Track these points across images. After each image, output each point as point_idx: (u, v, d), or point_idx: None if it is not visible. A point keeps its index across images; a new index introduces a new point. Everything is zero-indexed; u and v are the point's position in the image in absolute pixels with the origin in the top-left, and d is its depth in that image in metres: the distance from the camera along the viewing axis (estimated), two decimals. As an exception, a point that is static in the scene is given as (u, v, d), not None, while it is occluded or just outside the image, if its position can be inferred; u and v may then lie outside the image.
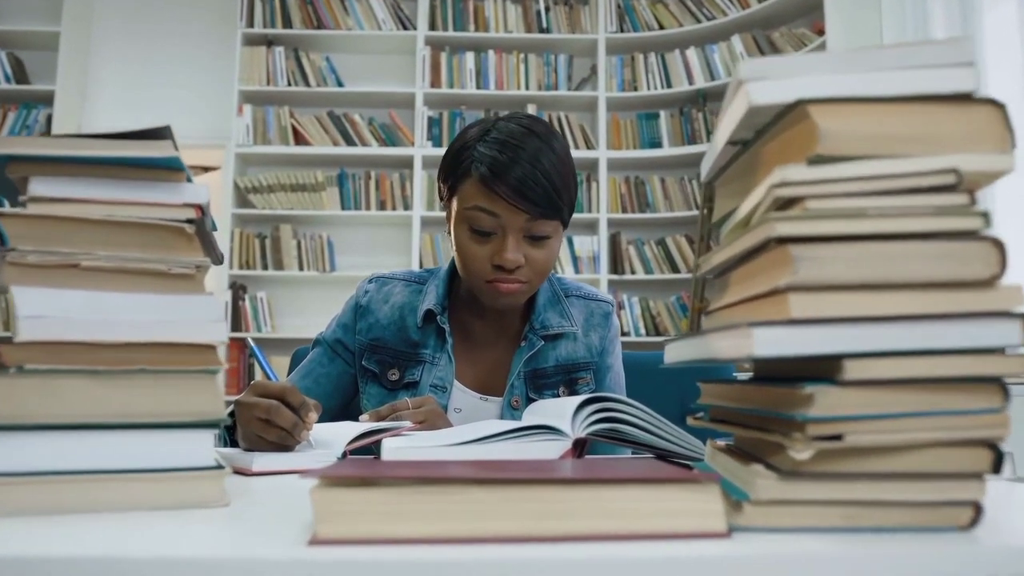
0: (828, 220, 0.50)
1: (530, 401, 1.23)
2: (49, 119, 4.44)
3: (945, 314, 0.49)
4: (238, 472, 0.84)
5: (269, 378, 1.00)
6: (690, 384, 1.58)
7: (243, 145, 4.44)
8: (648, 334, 4.42)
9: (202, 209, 0.66)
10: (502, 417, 1.23)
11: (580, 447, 0.80)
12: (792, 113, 0.53)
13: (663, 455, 0.80)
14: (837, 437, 0.50)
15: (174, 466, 0.61)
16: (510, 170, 1.09)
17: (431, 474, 0.49)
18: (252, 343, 1.04)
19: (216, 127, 4.57)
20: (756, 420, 0.59)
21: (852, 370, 0.49)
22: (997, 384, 0.50)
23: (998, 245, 0.50)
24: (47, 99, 4.45)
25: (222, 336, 0.64)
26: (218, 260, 0.78)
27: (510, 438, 0.78)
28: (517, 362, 1.25)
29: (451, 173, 1.18)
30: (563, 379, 1.26)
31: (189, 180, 0.66)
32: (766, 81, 0.53)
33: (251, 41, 4.54)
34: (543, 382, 1.25)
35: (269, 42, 4.56)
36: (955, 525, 0.51)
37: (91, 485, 0.59)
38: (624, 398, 0.80)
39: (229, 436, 1.03)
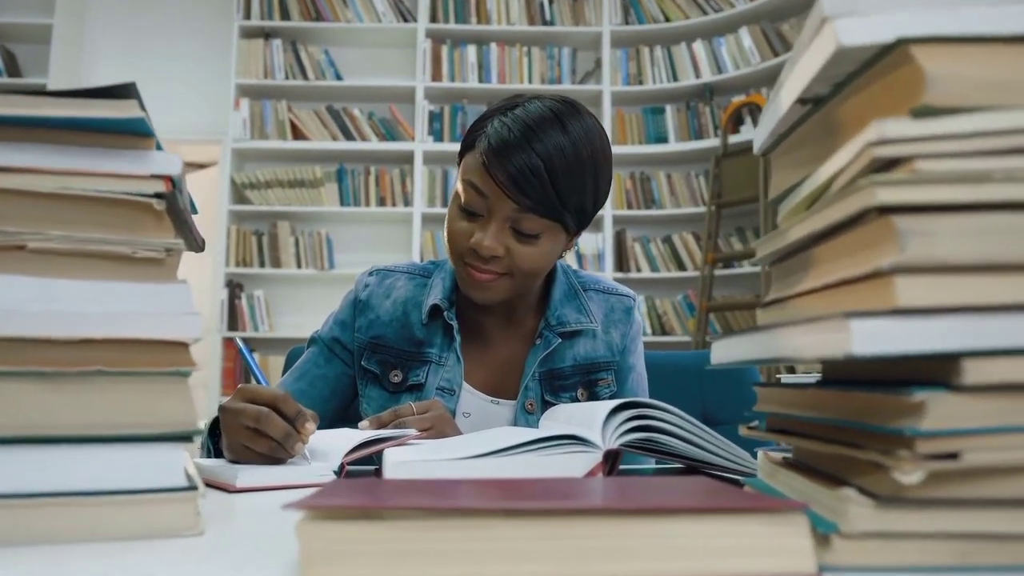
0: (943, 185, 0.40)
1: (546, 404, 1.13)
2: (41, 114, 4.34)
3: (1089, 302, 0.40)
4: (219, 488, 0.74)
5: (259, 383, 0.90)
6: (711, 386, 1.49)
7: (240, 140, 4.35)
8: (654, 333, 4.33)
9: (173, 182, 0.56)
10: (515, 422, 1.13)
11: (611, 460, 0.70)
12: (889, 57, 0.43)
13: (701, 469, 0.70)
14: (953, 455, 0.40)
15: (138, 487, 0.51)
16: (512, 153, 0.99)
17: (447, 504, 0.39)
18: (241, 343, 0.94)
19: (212, 122, 4.49)
20: (835, 432, 0.49)
21: (973, 372, 0.39)
22: None
23: None
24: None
25: (195, 331, 0.54)
26: (198, 247, 0.69)
27: (530, 450, 0.68)
28: (531, 362, 1.14)
29: (465, 142, 1.09)
30: (581, 380, 1.16)
31: (159, 147, 0.56)
32: (858, 17, 0.43)
33: (248, 34, 4.46)
34: (560, 384, 1.15)
35: (266, 35, 4.47)
36: (1096, 564, 0.41)
37: (38, 511, 0.49)
38: (659, 403, 0.70)
39: (213, 445, 0.93)
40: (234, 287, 4.37)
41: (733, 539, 0.40)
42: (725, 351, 0.60)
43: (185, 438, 0.53)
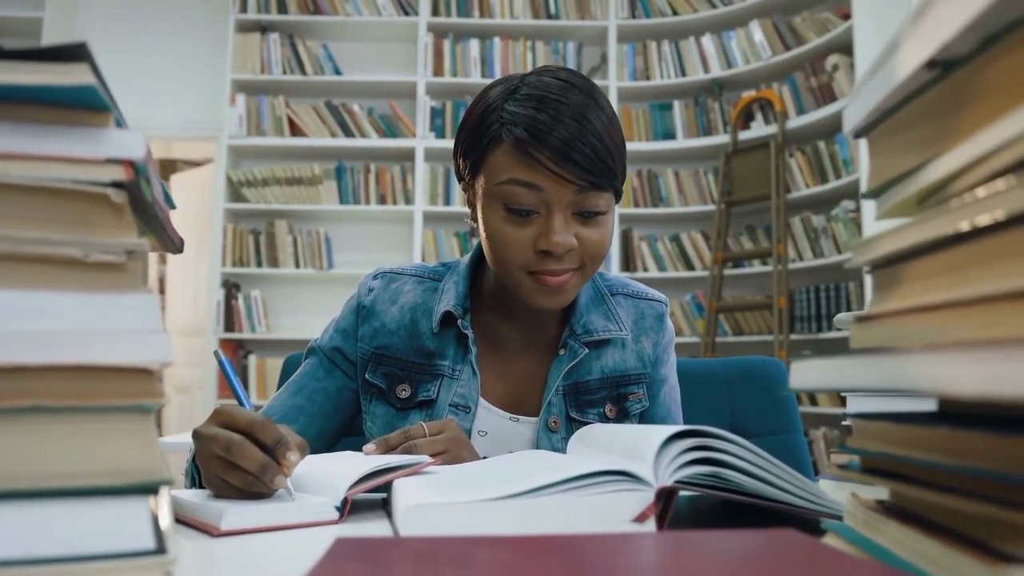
0: None
1: (571, 421, 1.02)
2: (32, 109, 4.24)
3: None
4: (201, 529, 0.63)
5: (241, 402, 0.79)
6: (741, 397, 1.39)
7: (236, 137, 4.26)
8: (662, 335, 4.22)
9: (135, 167, 0.45)
10: (538, 442, 1.02)
11: (663, 499, 0.59)
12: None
13: (762, 506, 0.60)
14: None
15: (91, 553, 0.40)
16: (553, 130, 0.89)
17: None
18: (221, 354, 0.83)
19: (208, 118, 4.40)
20: (977, 485, 0.39)
21: None
22: None
23: None
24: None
25: (164, 354, 0.43)
26: (175, 247, 0.58)
27: (568, 489, 0.57)
28: (555, 374, 1.03)
29: (474, 144, 0.97)
30: (610, 395, 1.05)
31: (119, 124, 0.45)
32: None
33: (244, 27, 4.37)
34: (586, 399, 1.04)
35: (263, 28, 4.38)
36: None
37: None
38: (723, 432, 0.59)
39: (198, 473, 0.82)
40: (230, 287, 4.28)
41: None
42: (815, 374, 0.49)
43: (149, 490, 0.42)
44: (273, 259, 4.29)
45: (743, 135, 4.12)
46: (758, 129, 4.10)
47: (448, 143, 4.28)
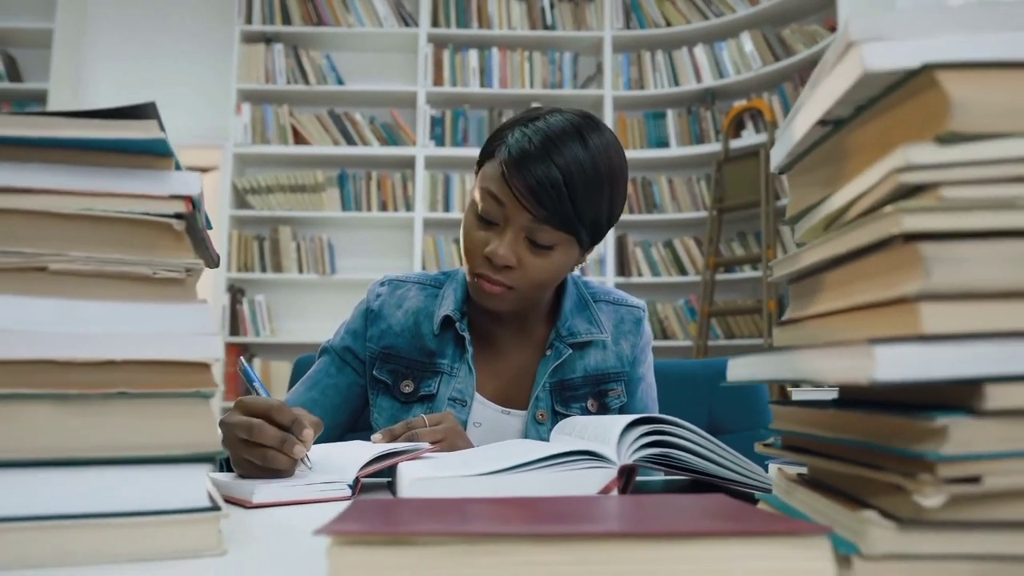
0: (968, 212, 0.40)
1: (556, 414, 1.13)
2: (43, 118, 4.34)
3: (1113, 328, 0.40)
4: (235, 503, 0.74)
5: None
6: (719, 396, 1.49)
7: (241, 145, 4.36)
8: (656, 338, 4.32)
9: (193, 202, 0.56)
10: (526, 431, 1.13)
11: (625, 476, 0.70)
12: (914, 82, 0.43)
13: (713, 482, 0.71)
14: (974, 479, 0.40)
15: (161, 508, 0.51)
16: (532, 164, 1.00)
17: (473, 529, 0.39)
18: (244, 362, 0.94)
19: (213, 126, 4.49)
20: (854, 453, 0.50)
21: (995, 397, 0.40)
22: None
23: None
24: (40, 98, 4.36)
25: (217, 352, 0.54)
26: (213, 263, 0.69)
27: (546, 466, 0.68)
28: (542, 372, 1.15)
29: (484, 150, 1.10)
30: (592, 391, 1.16)
31: (178, 167, 0.56)
32: (884, 42, 0.43)
33: (249, 38, 4.46)
34: (570, 394, 1.15)
35: (268, 39, 4.47)
36: (1119, 587, 0.41)
37: (61, 533, 0.49)
38: (674, 418, 0.71)
39: (224, 459, 0.93)
40: (235, 292, 4.37)
41: (757, 562, 0.40)
42: (743, 369, 0.60)
43: (207, 459, 0.53)
44: (277, 264, 4.38)
45: (734, 143, 4.23)
46: (749, 138, 4.20)
47: (447, 151, 4.39)
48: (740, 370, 0.60)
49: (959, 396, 0.41)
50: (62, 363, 0.51)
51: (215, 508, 0.52)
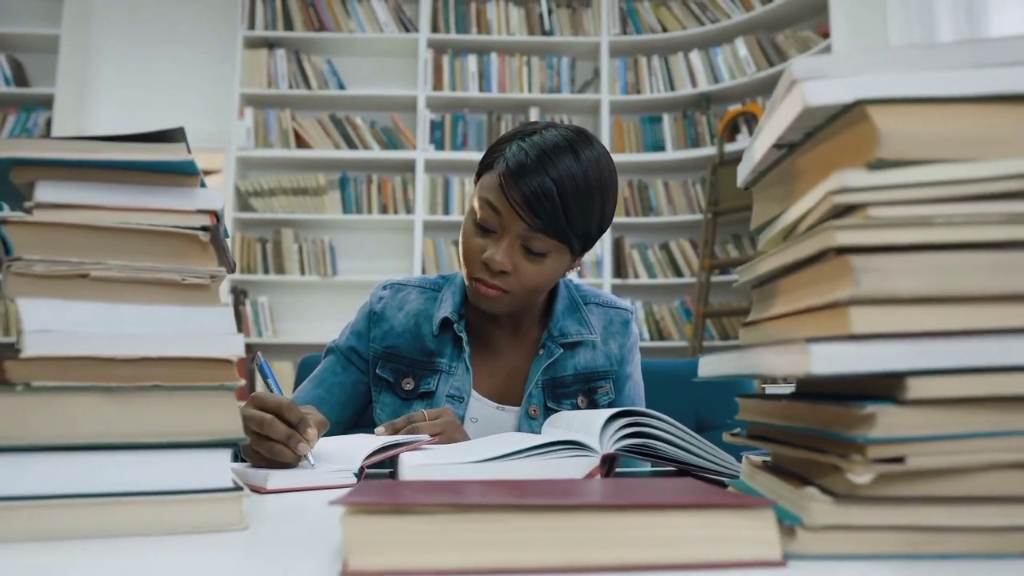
0: (892, 229, 0.47)
1: (548, 411, 1.20)
2: (49, 122, 4.41)
3: (1016, 328, 0.46)
4: (252, 489, 0.80)
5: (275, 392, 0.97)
6: (706, 394, 1.56)
7: (244, 148, 4.42)
8: (652, 339, 4.39)
9: (217, 216, 0.63)
10: (520, 427, 1.20)
11: (608, 463, 0.76)
12: (849, 114, 0.50)
13: (691, 471, 0.77)
14: (899, 459, 0.47)
15: (190, 488, 0.58)
16: (527, 176, 1.06)
17: (468, 500, 0.46)
18: (261, 358, 1.01)
19: (217, 130, 4.55)
20: (803, 439, 0.56)
21: (916, 388, 0.46)
22: (1069, 403, 0.47)
23: (1071, 255, 0.47)
24: (47, 102, 4.43)
25: (239, 350, 0.61)
26: (231, 269, 0.75)
27: (535, 454, 0.75)
28: (535, 371, 1.22)
29: (483, 162, 1.16)
30: (582, 388, 1.23)
31: (203, 185, 0.63)
32: (822, 80, 0.50)
33: (252, 44, 4.52)
34: (562, 391, 1.22)
35: (270, 45, 4.54)
36: (1021, 552, 0.48)
37: (102, 509, 0.55)
38: (652, 411, 0.77)
39: (238, 449, 1.00)
40: (238, 294, 4.44)
41: (710, 531, 0.46)
42: (711, 366, 0.67)
43: (231, 444, 0.59)
44: (279, 266, 4.45)
45: (729, 147, 4.29)
46: (743, 141, 4.26)
47: (447, 155, 4.45)
48: (708, 367, 0.67)
49: (885, 388, 0.48)
50: (104, 359, 0.57)
51: (238, 488, 0.59)
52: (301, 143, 4.50)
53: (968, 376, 0.46)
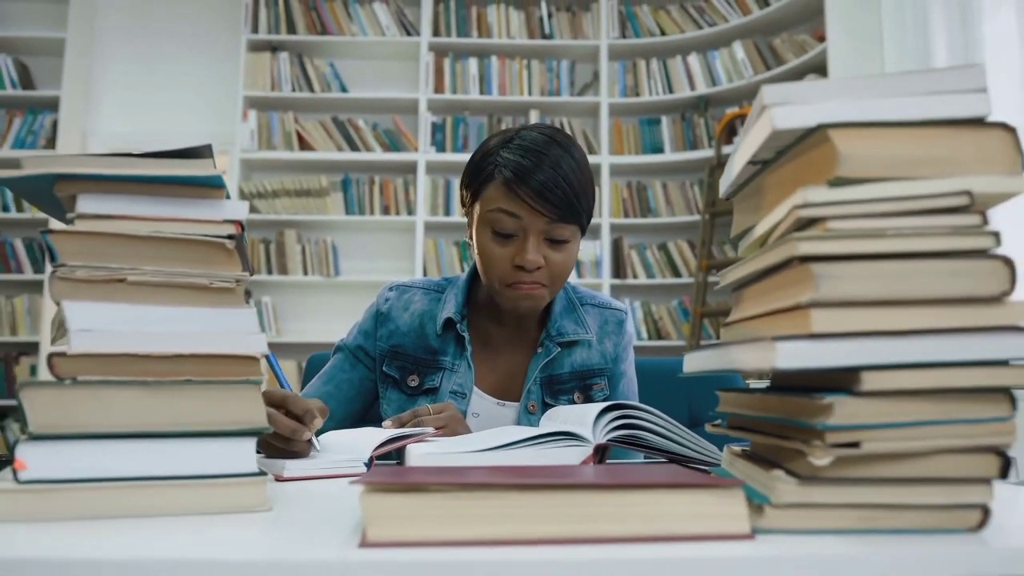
0: (848, 240, 0.53)
1: (546, 406, 1.26)
2: (54, 125, 4.47)
3: (958, 328, 0.52)
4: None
5: (282, 387, 1.02)
6: (697, 390, 1.62)
7: (248, 150, 4.47)
8: (650, 338, 4.45)
9: (241, 225, 0.69)
10: (519, 421, 1.26)
11: (600, 452, 0.82)
12: (813, 136, 0.56)
13: (680, 460, 0.83)
14: (854, 444, 0.53)
15: (219, 472, 0.63)
16: (533, 174, 1.13)
17: (474, 480, 0.52)
18: (271, 355, 1.06)
19: (221, 132, 4.60)
20: (774, 428, 0.62)
21: (869, 382, 0.52)
22: (1005, 394, 0.53)
23: (1008, 263, 0.52)
24: (52, 104, 4.48)
25: (263, 348, 0.67)
26: (249, 272, 0.81)
27: (533, 444, 0.81)
28: (534, 368, 1.28)
29: (474, 178, 1.22)
30: (578, 385, 1.29)
31: (228, 197, 0.69)
32: (789, 106, 0.56)
33: (255, 47, 4.57)
34: (559, 388, 1.28)
35: (273, 48, 4.59)
36: (965, 527, 0.54)
37: (140, 491, 0.61)
38: (642, 405, 0.83)
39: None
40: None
41: (686, 508, 0.52)
42: (695, 362, 0.73)
43: (256, 433, 0.65)
44: (283, 267, 4.50)
45: (727, 149, 4.34)
46: (741, 144, 4.32)
47: (448, 156, 4.51)
48: (691, 363, 0.73)
49: (843, 381, 0.54)
50: (141, 356, 0.63)
51: (262, 473, 0.65)
52: (304, 145, 4.55)
53: (916, 371, 0.52)
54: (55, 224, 0.71)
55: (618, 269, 4.50)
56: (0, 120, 4.50)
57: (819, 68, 3.98)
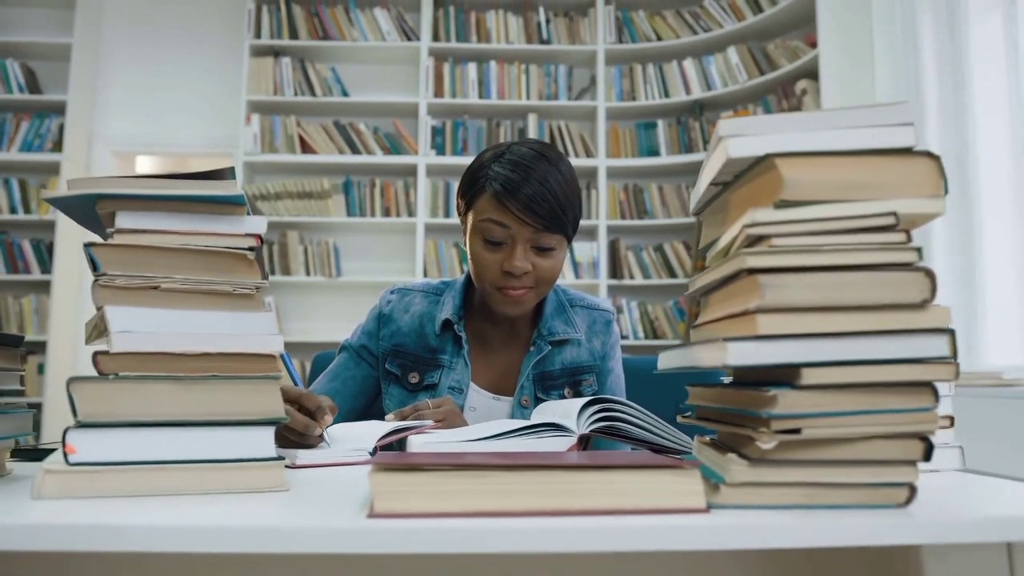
0: (790, 254, 0.61)
1: (538, 401, 1.34)
2: (61, 128, 4.55)
3: (885, 331, 0.61)
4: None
5: (295, 383, 1.11)
6: (683, 387, 1.70)
7: (251, 153, 4.55)
8: (647, 338, 4.53)
9: (260, 238, 0.77)
10: (512, 415, 1.34)
11: (584, 443, 0.91)
12: (762, 164, 0.64)
13: (657, 449, 0.92)
14: (796, 431, 0.61)
15: (242, 457, 0.72)
16: (521, 188, 1.21)
17: (467, 461, 0.60)
18: (284, 352, 1.15)
19: (224, 136, 4.68)
20: (732, 417, 0.70)
21: (808, 377, 0.60)
22: (928, 387, 0.61)
23: (929, 275, 0.61)
24: (59, 109, 4.56)
25: (280, 347, 0.75)
26: (265, 279, 0.89)
27: (523, 434, 0.89)
28: (527, 365, 1.36)
29: (468, 189, 1.30)
30: (568, 381, 1.37)
31: (249, 213, 0.77)
32: (741, 137, 0.64)
33: (258, 52, 4.65)
34: (550, 383, 1.36)
35: (276, 53, 4.67)
36: (894, 503, 0.62)
37: (173, 472, 0.70)
38: (623, 400, 0.92)
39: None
40: (245, 294, 4.56)
41: (650, 485, 0.61)
42: (667, 360, 0.81)
43: (275, 423, 0.74)
44: (285, 268, 4.58)
45: (721, 153, 4.42)
46: (735, 147, 4.39)
47: (448, 159, 4.59)
48: (664, 361, 0.81)
49: (786, 376, 0.62)
50: (174, 355, 0.72)
51: (280, 459, 0.73)
52: (306, 148, 4.63)
53: (849, 367, 0.61)
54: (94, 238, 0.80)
55: (615, 270, 4.58)
56: (8, 123, 4.58)
57: (811, 73, 4.06)
